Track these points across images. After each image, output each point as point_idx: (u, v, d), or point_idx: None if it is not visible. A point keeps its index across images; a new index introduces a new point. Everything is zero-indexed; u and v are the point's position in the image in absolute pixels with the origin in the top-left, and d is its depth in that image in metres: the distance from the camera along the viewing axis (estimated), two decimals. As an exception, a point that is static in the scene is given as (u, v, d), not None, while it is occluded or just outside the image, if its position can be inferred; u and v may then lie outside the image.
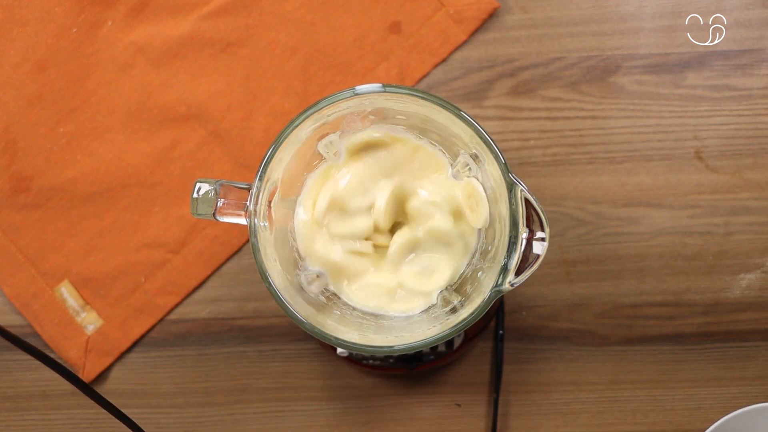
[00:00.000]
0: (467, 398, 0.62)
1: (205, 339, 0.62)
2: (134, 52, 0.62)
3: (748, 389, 0.62)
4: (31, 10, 0.62)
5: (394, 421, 0.62)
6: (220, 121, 0.62)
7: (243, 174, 0.62)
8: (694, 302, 0.61)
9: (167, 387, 0.62)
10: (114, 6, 0.62)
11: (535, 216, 0.42)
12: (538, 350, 0.62)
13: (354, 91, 0.44)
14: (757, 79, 0.61)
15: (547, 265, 0.61)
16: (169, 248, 0.62)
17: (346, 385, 0.62)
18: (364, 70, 0.62)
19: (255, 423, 0.62)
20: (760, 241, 0.61)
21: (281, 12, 0.62)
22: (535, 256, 0.43)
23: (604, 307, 0.61)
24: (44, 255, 0.62)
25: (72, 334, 0.62)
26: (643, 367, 0.62)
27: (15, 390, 0.63)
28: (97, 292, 0.62)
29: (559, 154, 0.61)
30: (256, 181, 0.44)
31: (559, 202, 0.61)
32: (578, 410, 0.62)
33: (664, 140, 0.61)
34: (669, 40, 0.61)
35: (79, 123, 0.62)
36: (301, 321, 0.44)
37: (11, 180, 0.62)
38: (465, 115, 0.44)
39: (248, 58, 0.62)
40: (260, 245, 0.44)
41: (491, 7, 0.61)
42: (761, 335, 0.61)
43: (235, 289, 0.62)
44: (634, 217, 0.61)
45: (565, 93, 0.61)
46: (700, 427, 0.62)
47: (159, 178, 0.62)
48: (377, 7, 0.62)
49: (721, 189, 0.61)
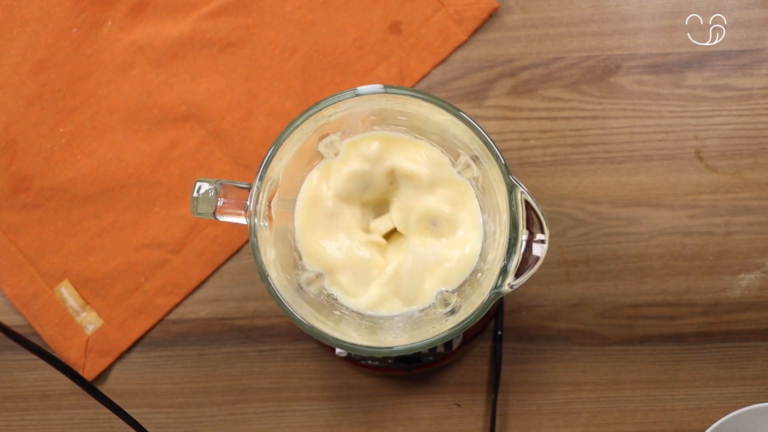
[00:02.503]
0: (467, 398, 0.62)
1: (205, 339, 0.62)
2: (134, 52, 0.62)
3: (748, 389, 0.62)
4: (31, 10, 0.62)
5: (393, 421, 0.62)
6: (219, 121, 0.62)
7: (243, 174, 0.61)
8: (694, 302, 0.61)
9: (167, 387, 0.62)
10: (114, 6, 0.62)
11: (535, 218, 0.43)
12: (537, 350, 0.62)
13: (355, 91, 0.44)
14: (757, 79, 0.61)
15: (547, 265, 0.61)
16: (169, 248, 0.62)
17: (346, 385, 0.62)
18: (364, 70, 0.62)
19: (255, 423, 0.62)
20: (760, 241, 0.61)
21: (281, 12, 0.62)
22: (534, 258, 0.43)
23: (604, 307, 0.61)
24: (44, 255, 0.62)
25: (72, 334, 0.62)
26: (643, 367, 0.62)
27: (15, 390, 0.63)
28: (97, 292, 0.62)
29: (559, 154, 0.61)
30: (257, 180, 0.44)
31: (559, 202, 0.61)
32: (578, 410, 0.62)
33: (664, 140, 0.61)
34: (669, 40, 0.61)
35: (78, 123, 0.62)
36: (301, 321, 0.44)
37: (11, 180, 0.62)
38: (465, 116, 0.44)
39: (248, 58, 0.62)
40: (260, 245, 0.44)
41: (491, 7, 0.61)
42: (761, 335, 0.61)
43: (235, 289, 0.62)
44: (634, 217, 0.61)
45: (565, 93, 0.61)
46: (700, 427, 0.62)
47: (159, 178, 0.62)
48: (377, 7, 0.61)
49: (721, 189, 0.61)
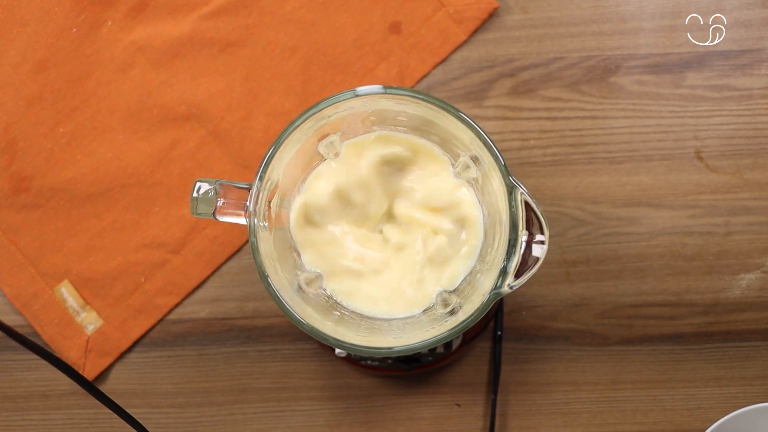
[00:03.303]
0: (467, 398, 0.62)
1: (205, 339, 0.62)
2: (134, 52, 0.62)
3: (748, 389, 0.62)
4: (31, 10, 0.62)
5: (393, 421, 0.62)
6: (219, 121, 0.62)
7: (243, 174, 0.61)
8: (694, 302, 0.61)
9: (167, 387, 0.62)
10: (114, 6, 0.62)
11: (535, 219, 0.43)
12: (537, 350, 0.62)
13: (355, 92, 0.44)
14: (757, 79, 0.61)
15: (547, 265, 0.61)
16: (169, 248, 0.62)
17: (346, 385, 0.62)
18: (364, 70, 0.62)
19: (255, 423, 0.62)
20: (760, 241, 0.61)
21: (281, 12, 0.62)
22: (534, 259, 0.43)
23: (604, 307, 0.61)
24: (44, 255, 0.62)
25: (72, 334, 0.62)
26: (643, 367, 0.62)
27: (15, 390, 0.63)
28: (97, 292, 0.62)
29: (559, 154, 0.61)
30: (256, 181, 0.44)
31: (559, 202, 0.61)
32: (578, 410, 0.62)
33: (664, 140, 0.61)
34: (669, 40, 0.61)
35: (78, 123, 0.62)
36: (300, 321, 0.44)
37: (11, 180, 0.62)
38: (465, 117, 0.44)
39: (248, 58, 0.62)
40: (260, 245, 0.44)
41: (491, 7, 0.61)
42: (761, 335, 0.61)
43: (235, 289, 0.62)
44: (634, 217, 0.61)
45: (565, 93, 0.61)
46: (700, 427, 0.62)
47: (159, 178, 0.62)
48: (377, 7, 0.61)
49: (721, 189, 0.61)
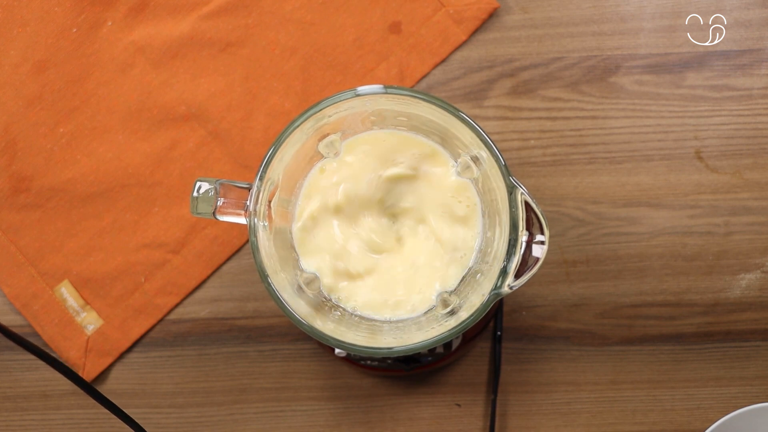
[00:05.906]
0: (467, 398, 0.62)
1: (205, 339, 0.62)
2: (134, 52, 0.62)
3: (748, 389, 0.62)
4: (31, 10, 0.62)
5: (393, 421, 0.62)
6: (219, 121, 0.62)
7: (243, 174, 0.61)
8: (694, 302, 0.61)
9: (167, 387, 0.62)
10: (114, 6, 0.62)
11: (535, 219, 0.42)
12: (537, 350, 0.62)
13: (355, 92, 0.44)
14: (757, 79, 0.61)
15: (547, 265, 0.61)
16: (168, 248, 0.62)
17: (346, 385, 0.62)
18: (364, 70, 0.62)
19: (255, 423, 0.62)
20: (760, 241, 0.61)
21: (281, 12, 0.62)
22: (534, 260, 0.43)
23: (604, 307, 0.61)
24: (44, 255, 0.62)
25: (72, 334, 0.62)
26: (643, 367, 0.62)
27: (15, 390, 0.63)
28: (97, 292, 0.62)
29: (559, 154, 0.61)
30: (257, 180, 0.44)
31: (559, 202, 0.61)
32: (578, 410, 0.62)
33: (664, 140, 0.61)
34: (669, 40, 0.61)
35: (78, 123, 0.62)
36: (300, 321, 0.44)
37: (11, 180, 0.62)
38: (465, 117, 0.43)
39: (248, 58, 0.62)
40: (260, 245, 0.44)
41: (491, 7, 0.61)
42: (761, 335, 0.61)
43: (235, 289, 0.62)
44: (634, 217, 0.61)
45: (565, 93, 0.61)
46: (700, 427, 0.62)
47: (159, 178, 0.62)
48: (377, 7, 0.61)
49: (721, 189, 0.61)
